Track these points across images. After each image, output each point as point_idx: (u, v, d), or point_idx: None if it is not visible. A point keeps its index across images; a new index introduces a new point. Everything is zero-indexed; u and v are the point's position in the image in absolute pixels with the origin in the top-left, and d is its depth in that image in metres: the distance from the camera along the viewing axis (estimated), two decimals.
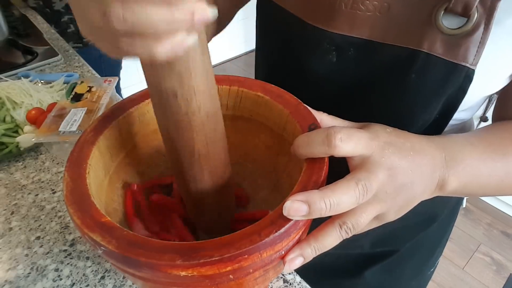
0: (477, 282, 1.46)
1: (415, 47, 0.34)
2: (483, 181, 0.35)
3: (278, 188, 0.41)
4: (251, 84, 0.38)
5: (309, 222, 0.29)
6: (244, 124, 0.41)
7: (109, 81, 0.66)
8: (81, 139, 0.33)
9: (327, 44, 0.39)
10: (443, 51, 0.33)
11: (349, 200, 0.27)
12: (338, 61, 0.39)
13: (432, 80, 0.35)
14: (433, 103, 0.36)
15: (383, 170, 0.29)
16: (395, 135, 0.31)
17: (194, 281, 0.25)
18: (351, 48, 0.38)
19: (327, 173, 0.29)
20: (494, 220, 1.70)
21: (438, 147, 0.33)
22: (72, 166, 0.31)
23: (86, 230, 0.26)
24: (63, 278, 0.45)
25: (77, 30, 1.15)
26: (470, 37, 0.32)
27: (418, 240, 0.56)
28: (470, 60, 0.33)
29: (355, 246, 0.55)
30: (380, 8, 0.35)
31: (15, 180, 0.59)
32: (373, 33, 0.36)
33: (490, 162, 0.35)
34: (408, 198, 0.31)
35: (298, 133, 0.33)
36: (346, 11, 0.36)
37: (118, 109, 0.36)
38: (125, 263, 0.25)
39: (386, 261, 0.57)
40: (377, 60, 0.37)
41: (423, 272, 0.63)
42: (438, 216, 0.55)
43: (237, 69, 2.69)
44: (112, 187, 0.37)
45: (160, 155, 0.42)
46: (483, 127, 0.41)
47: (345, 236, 0.29)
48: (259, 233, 0.25)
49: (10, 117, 0.65)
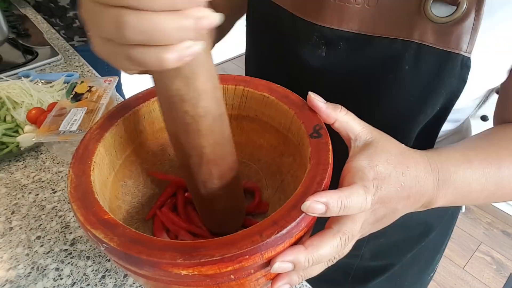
0: (477, 281, 1.46)
1: (406, 38, 0.34)
2: (473, 197, 0.36)
3: (282, 189, 0.41)
4: (257, 84, 0.38)
5: (312, 223, 0.29)
6: (249, 124, 0.41)
7: (109, 80, 0.66)
8: (86, 136, 0.33)
9: (316, 38, 0.38)
10: (434, 40, 0.33)
11: (330, 253, 0.28)
12: (328, 55, 0.39)
13: (427, 70, 0.34)
14: (431, 95, 0.36)
15: (369, 212, 0.30)
16: (393, 165, 0.30)
17: (195, 280, 0.25)
18: (341, 41, 0.37)
19: (331, 174, 0.29)
20: (495, 219, 1.70)
21: (433, 169, 0.33)
22: (77, 163, 0.31)
23: (89, 226, 0.26)
24: (63, 277, 0.45)
25: (82, 25, 1.16)
26: (461, 24, 0.32)
27: (419, 249, 0.56)
28: (464, 48, 0.32)
29: (354, 255, 0.55)
30: (369, 1, 0.35)
31: (16, 179, 0.58)
32: (363, 26, 0.36)
33: (483, 179, 0.35)
34: (388, 222, 0.33)
35: (303, 133, 0.33)
36: (335, 4, 0.36)
37: (124, 107, 0.37)
38: (127, 261, 0.25)
39: (388, 273, 0.57)
40: (369, 53, 0.37)
41: (423, 278, 0.63)
42: (437, 224, 0.55)
43: (237, 69, 2.69)
44: (117, 184, 0.37)
45: (165, 153, 0.42)
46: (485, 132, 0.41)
47: (330, 263, 0.30)
48: (261, 233, 0.25)
49: (11, 116, 0.65)
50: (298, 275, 0.29)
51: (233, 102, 0.40)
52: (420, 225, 0.53)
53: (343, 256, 0.30)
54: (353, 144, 0.32)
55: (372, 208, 0.30)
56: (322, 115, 0.33)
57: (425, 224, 0.54)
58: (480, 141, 0.39)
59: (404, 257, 0.56)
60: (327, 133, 0.32)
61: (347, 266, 0.57)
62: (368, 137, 0.31)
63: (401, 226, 0.35)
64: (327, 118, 0.32)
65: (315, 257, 0.27)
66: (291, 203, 0.27)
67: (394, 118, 0.39)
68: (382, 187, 0.29)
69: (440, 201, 0.34)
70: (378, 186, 0.29)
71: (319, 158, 0.30)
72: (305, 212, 0.26)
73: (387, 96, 0.38)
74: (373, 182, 0.29)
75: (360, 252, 0.55)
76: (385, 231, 0.34)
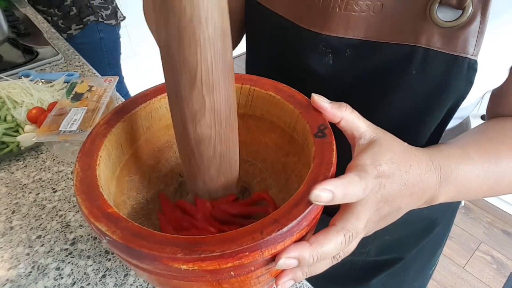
0: (477, 281, 1.46)
1: (413, 43, 0.34)
2: (473, 192, 0.36)
3: (287, 188, 0.41)
4: (263, 83, 0.38)
5: (314, 223, 0.29)
6: (255, 123, 0.41)
7: (109, 80, 0.66)
8: (93, 131, 0.34)
9: (322, 46, 0.38)
10: (441, 44, 0.33)
11: (335, 250, 0.28)
12: (335, 63, 0.39)
13: (434, 75, 0.35)
14: (438, 98, 0.36)
15: (373, 209, 0.30)
16: (397, 163, 0.30)
17: (195, 275, 0.25)
18: (347, 49, 0.37)
19: (334, 174, 0.29)
20: (495, 218, 1.70)
21: (435, 167, 0.33)
22: (83, 156, 0.32)
23: (92, 219, 0.26)
24: (64, 277, 0.45)
25: (78, 12, 1.18)
26: (467, 28, 0.32)
27: (423, 244, 0.56)
28: (471, 51, 0.32)
29: (360, 253, 0.55)
30: (374, 7, 0.35)
31: (16, 179, 0.59)
32: (369, 33, 0.36)
33: (483, 174, 0.35)
34: (392, 220, 0.33)
35: (308, 133, 0.33)
36: (340, 13, 0.36)
37: (131, 103, 0.37)
38: (128, 254, 0.25)
39: (392, 268, 0.57)
40: (376, 60, 0.37)
41: (425, 273, 0.64)
42: (441, 219, 0.55)
43: (238, 69, 2.69)
44: (122, 179, 0.37)
45: (171, 150, 0.42)
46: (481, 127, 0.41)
47: (335, 262, 0.31)
48: (262, 230, 0.25)
49: (11, 116, 0.65)
50: (303, 271, 0.29)
51: (239, 100, 0.40)
52: (425, 220, 0.53)
53: (348, 254, 0.31)
54: (357, 143, 0.32)
55: (376, 206, 0.30)
56: (328, 114, 0.32)
57: (429, 220, 0.54)
58: (477, 136, 0.39)
59: (409, 252, 0.56)
60: (332, 133, 0.32)
61: (353, 263, 0.58)
62: (372, 136, 0.31)
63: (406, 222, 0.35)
64: (333, 117, 0.32)
65: (319, 253, 0.27)
66: (292, 202, 0.27)
67: (402, 122, 0.39)
68: (386, 186, 0.29)
69: (442, 198, 0.34)
70: (382, 185, 0.29)
71: (322, 157, 0.30)
72: (313, 202, 0.26)
73: (394, 101, 0.38)
74: (375, 179, 0.29)
75: (366, 250, 0.55)
76: (390, 228, 0.34)
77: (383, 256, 0.56)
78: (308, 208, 0.26)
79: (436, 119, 0.38)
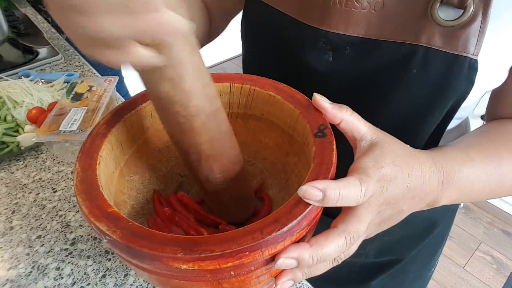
0: (477, 281, 1.46)
1: (414, 42, 0.34)
2: (475, 195, 0.36)
3: (287, 188, 0.41)
4: (263, 83, 0.38)
5: (314, 223, 0.29)
6: (255, 123, 0.41)
7: (109, 80, 0.66)
8: (93, 131, 0.34)
9: (322, 43, 0.38)
10: (442, 43, 0.33)
11: (335, 252, 0.28)
12: (335, 60, 0.39)
13: (434, 74, 0.34)
14: (439, 97, 0.36)
15: (375, 212, 0.30)
16: (400, 166, 0.30)
17: (195, 275, 0.25)
18: (348, 46, 0.37)
19: (334, 174, 0.29)
20: (495, 218, 1.70)
21: (438, 169, 0.33)
22: (83, 156, 0.32)
23: (92, 219, 0.26)
24: (64, 277, 0.45)
25: None
26: (468, 27, 0.32)
27: (422, 245, 0.56)
28: (471, 50, 0.32)
29: (359, 254, 0.55)
30: (375, 5, 0.35)
31: (16, 179, 0.59)
32: (369, 31, 0.36)
33: (485, 176, 0.35)
34: (394, 222, 0.33)
35: (308, 133, 0.33)
36: (341, 9, 0.36)
37: (131, 103, 0.37)
38: (128, 254, 0.26)
39: (391, 270, 0.57)
40: (376, 57, 0.37)
41: (425, 274, 0.63)
42: (440, 220, 0.55)
43: (237, 68, 2.69)
44: (122, 179, 0.37)
45: (170, 150, 0.42)
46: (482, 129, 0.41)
47: (335, 264, 0.30)
48: (262, 230, 0.25)
49: (11, 116, 0.65)
50: (302, 272, 0.29)
51: (240, 100, 0.40)
52: (425, 222, 0.53)
53: (348, 257, 0.30)
54: (359, 145, 0.31)
55: (378, 209, 0.30)
56: (328, 115, 0.33)
57: (429, 221, 0.54)
58: (479, 138, 0.39)
59: (409, 253, 0.56)
60: (332, 133, 0.32)
61: (352, 265, 0.58)
62: (373, 138, 0.31)
63: (405, 223, 0.35)
64: (333, 118, 0.32)
65: (319, 255, 0.27)
66: (292, 202, 0.27)
67: (402, 121, 0.39)
68: (388, 189, 0.29)
69: (444, 200, 0.34)
70: (384, 188, 0.29)
71: (322, 157, 0.30)
72: (301, 197, 0.26)
73: (394, 100, 0.38)
74: (378, 182, 0.29)
75: (365, 251, 0.55)
76: (389, 229, 0.34)
77: (383, 257, 0.56)
78: (308, 208, 0.26)
79: (436, 119, 0.38)
